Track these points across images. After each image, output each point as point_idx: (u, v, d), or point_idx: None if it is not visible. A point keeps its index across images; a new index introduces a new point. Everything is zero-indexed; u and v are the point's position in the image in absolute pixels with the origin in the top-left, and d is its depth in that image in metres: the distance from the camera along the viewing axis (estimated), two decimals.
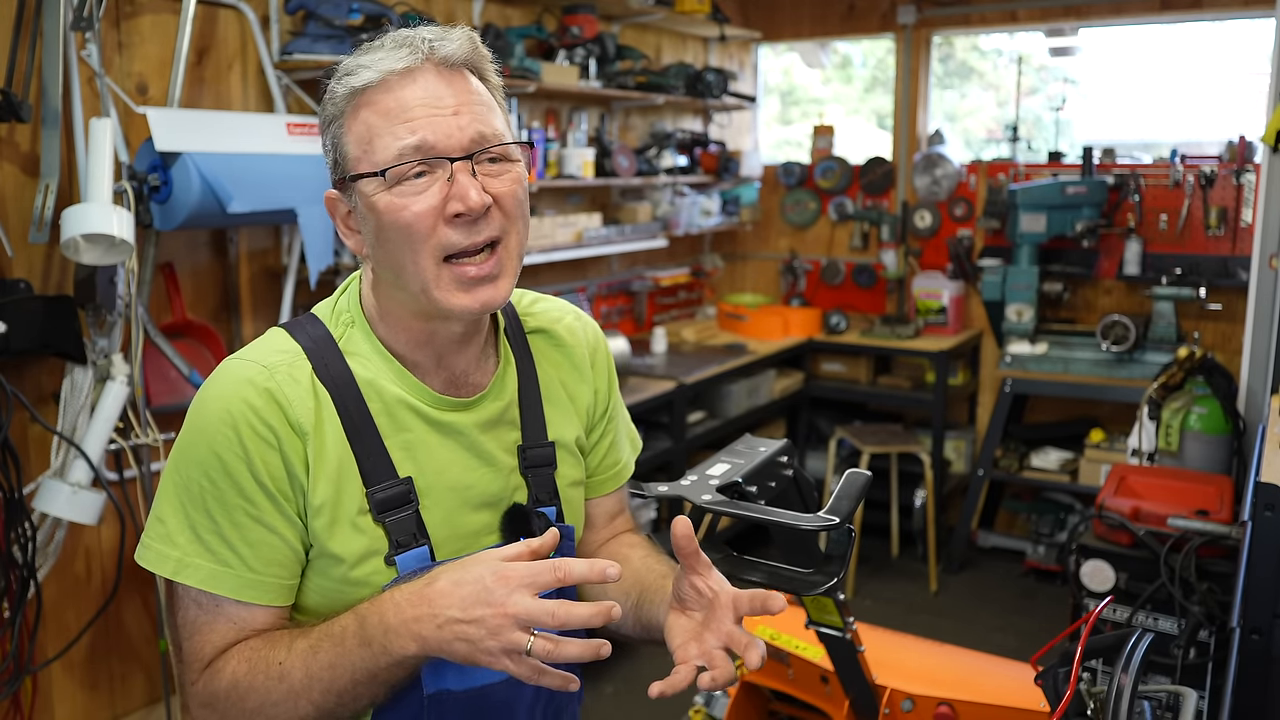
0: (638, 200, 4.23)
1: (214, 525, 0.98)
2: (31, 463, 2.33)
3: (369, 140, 0.98)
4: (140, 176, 2.31)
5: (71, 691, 2.48)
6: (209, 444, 0.98)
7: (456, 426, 1.08)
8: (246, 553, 0.98)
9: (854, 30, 4.84)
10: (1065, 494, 4.29)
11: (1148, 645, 1.33)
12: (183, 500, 0.99)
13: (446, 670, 1.04)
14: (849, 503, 1.17)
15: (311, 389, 1.01)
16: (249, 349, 1.05)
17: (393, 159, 0.97)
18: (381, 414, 1.04)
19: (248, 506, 0.98)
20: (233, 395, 0.98)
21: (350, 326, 1.06)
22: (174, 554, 0.99)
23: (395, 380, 1.05)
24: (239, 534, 0.98)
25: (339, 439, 1.01)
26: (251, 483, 0.98)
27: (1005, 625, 3.81)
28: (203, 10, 2.59)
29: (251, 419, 0.98)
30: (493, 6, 3.54)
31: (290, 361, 1.01)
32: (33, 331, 2.20)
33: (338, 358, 1.04)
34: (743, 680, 2.00)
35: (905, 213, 4.61)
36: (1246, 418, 3.09)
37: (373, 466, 1.02)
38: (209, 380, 1.03)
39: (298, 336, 1.05)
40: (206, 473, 0.98)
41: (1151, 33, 4.78)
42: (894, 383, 4.53)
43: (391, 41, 1.01)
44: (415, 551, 1.03)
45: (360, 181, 0.99)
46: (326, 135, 1.03)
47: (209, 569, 0.98)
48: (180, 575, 0.98)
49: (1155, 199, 4.08)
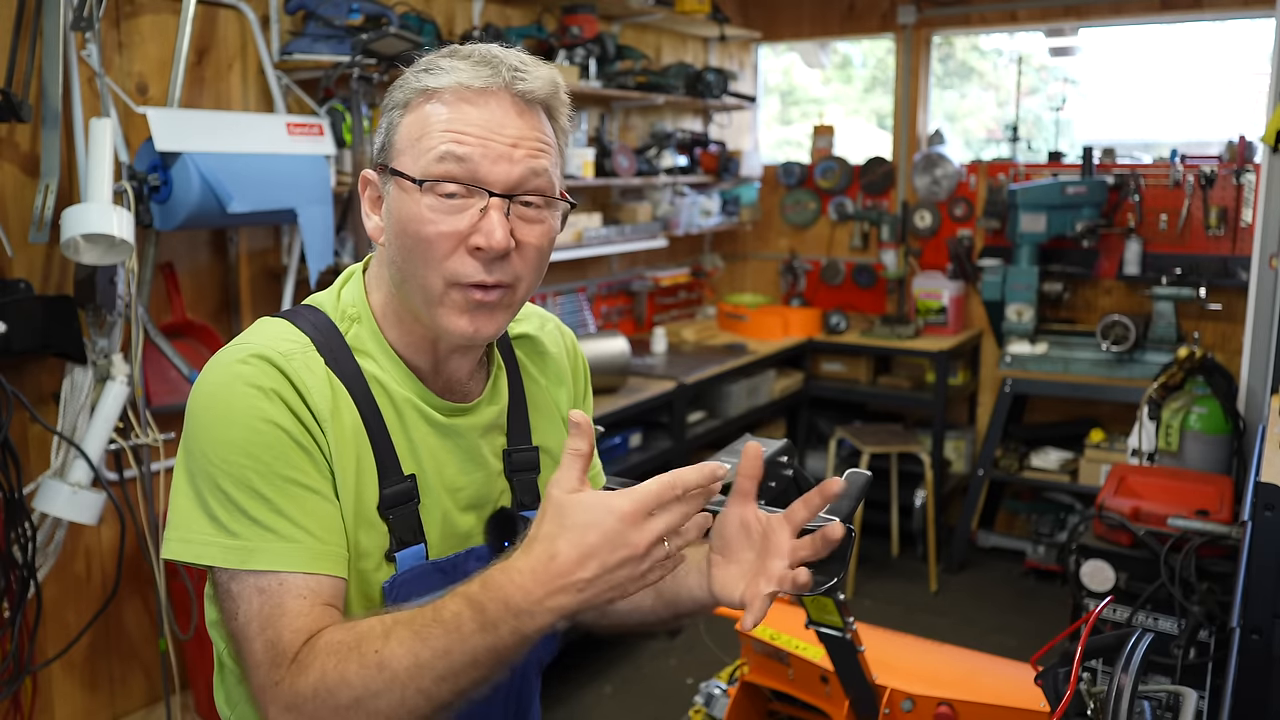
0: (638, 200, 4.23)
1: (268, 503, 0.92)
2: (31, 463, 2.33)
3: (419, 138, 0.97)
4: (140, 176, 2.32)
5: (71, 691, 2.48)
6: (244, 421, 0.93)
7: (458, 430, 1.08)
8: (310, 523, 0.94)
9: (854, 30, 4.84)
10: (1065, 494, 4.29)
11: (1148, 645, 1.33)
12: (225, 488, 0.92)
13: None
14: (849, 503, 1.17)
15: (327, 380, 0.99)
16: (253, 335, 1.00)
17: (433, 164, 0.96)
18: (390, 411, 1.03)
19: (298, 475, 0.94)
20: (249, 369, 0.95)
21: (356, 323, 1.04)
22: (236, 543, 0.91)
23: (402, 382, 1.04)
24: (296, 505, 0.93)
25: (358, 430, 1.00)
26: (296, 450, 0.94)
27: (1005, 625, 3.81)
28: (203, 10, 2.59)
29: (277, 388, 0.94)
30: (493, 6, 3.54)
31: (303, 350, 0.99)
32: (33, 331, 2.20)
33: (346, 353, 1.02)
34: (743, 680, 2.00)
35: (905, 213, 4.61)
36: (1246, 418, 3.09)
37: (384, 460, 1.01)
38: (215, 367, 0.97)
39: (303, 327, 1.01)
40: (247, 451, 0.92)
41: (1151, 33, 4.78)
42: (894, 383, 4.53)
43: (479, 55, 0.99)
44: (413, 549, 1.03)
45: (397, 177, 0.98)
46: (384, 118, 1.02)
47: (278, 548, 0.92)
48: (250, 562, 0.91)
49: (1155, 199, 4.08)
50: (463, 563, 1.07)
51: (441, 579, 1.03)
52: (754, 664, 1.98)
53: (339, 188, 2.77)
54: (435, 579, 1.04)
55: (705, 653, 3.47)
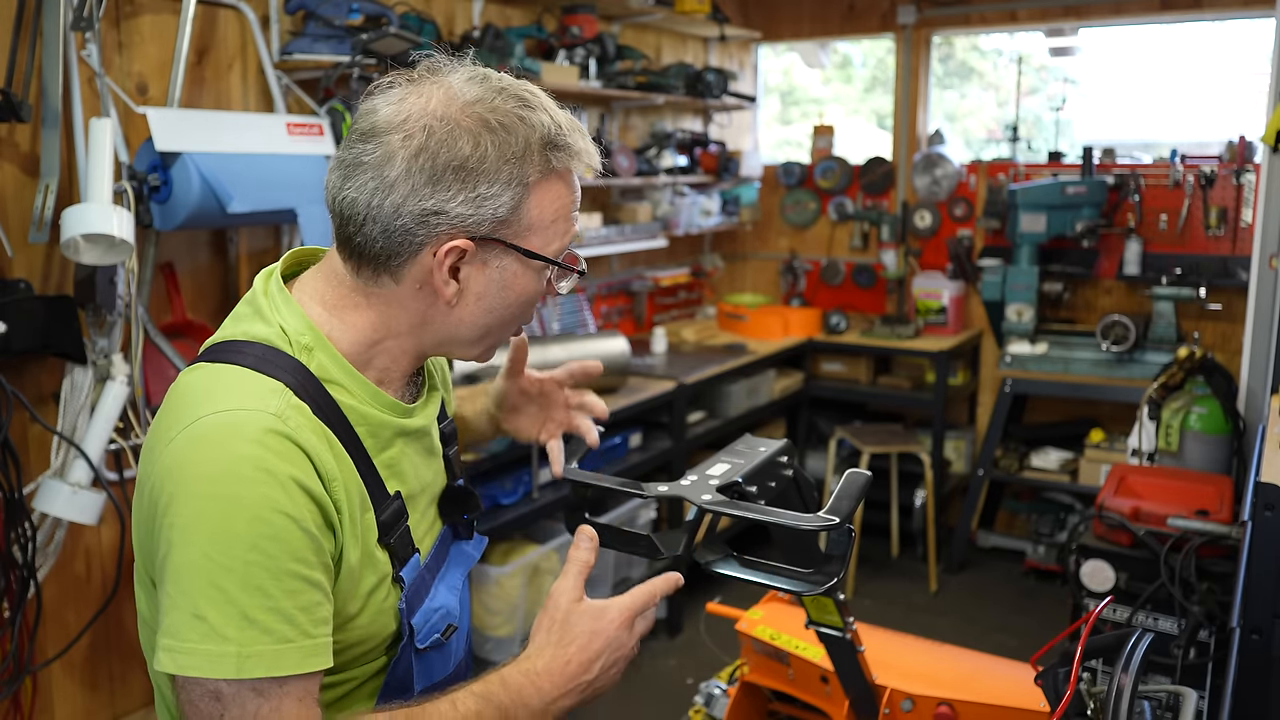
0: (638, 200, 4.23)
1: (267, 600, 0.86)
2: (31, 463, 2.33)
3: (553, 220, 0.99)
4: (140, 176, 2.31)
5: (71, 691, 2.48)
6: (251, 510, 0.86)
7: (423, 429, 1.09)
8: (303, 620, 0.89)
9: (854, 30, 4.84)
10: (1065, 494, 4.29)
11: (1148, 645, 1.33)
12: (224, 585, 0.85)
13: (434, 665, 1.09)
14: (849, 503, 1.17)
15: (319, 431, 0.94)
16: (223, 396, 0.91)
17: (564, 251, 1.02)
18: (368, 436, 1.01)
19: (300, 568, 0.88)
20: (263, 451, 0.88)
21: (311, 352, 0.98)
22: (229, 649, 0.85)
23: (372, 401, 1.01)
24: (293, 601, 0.88)
25: (352, 473, 0.97)
26: (301, 537, 0.88)
27: (1005, 625, 3.81)
28: (203, 10, 2.59)
29: (294, 472, 0.89)
30: (493, 6, 3.54)
31: (288, 403, 0.92)
32: (33, 331, 2.20)
33: (320, 389, 0.97)
34: (743, 680, 1.99)
35: (905, 213, 4.61)
36: (1246, 418, 3.09)
37: (374, 493, 1.00)
38: (203, 443, 0.88)
39: (272, 373, 0.94)
40: (253, 543, 0.86)
41: (1151, 33, 4.78)
42: (894, 383, 4.53)
43: (584, 132, 1.02)
44: (411, 562, 1.04)
45: (518, 253, 0.98)
46: (499, 173, 0.94)
47: (272, 651, 0.86)
48: (244, 671, 0.85)
49: (1155, 199, 4.08)
50: (437, 553, 1.12)
51: (429, 576, 1.09)
52: (754, 664, 1.98)
53: None
54: (426, 579, 1.08)
55: (705, 653, 3.47)
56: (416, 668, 1.05)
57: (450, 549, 1.16)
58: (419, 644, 1.04)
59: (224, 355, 0.97)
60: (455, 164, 0.92)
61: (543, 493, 3.11)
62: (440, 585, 1.10)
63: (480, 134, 0.93)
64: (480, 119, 0.93)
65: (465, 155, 0.92)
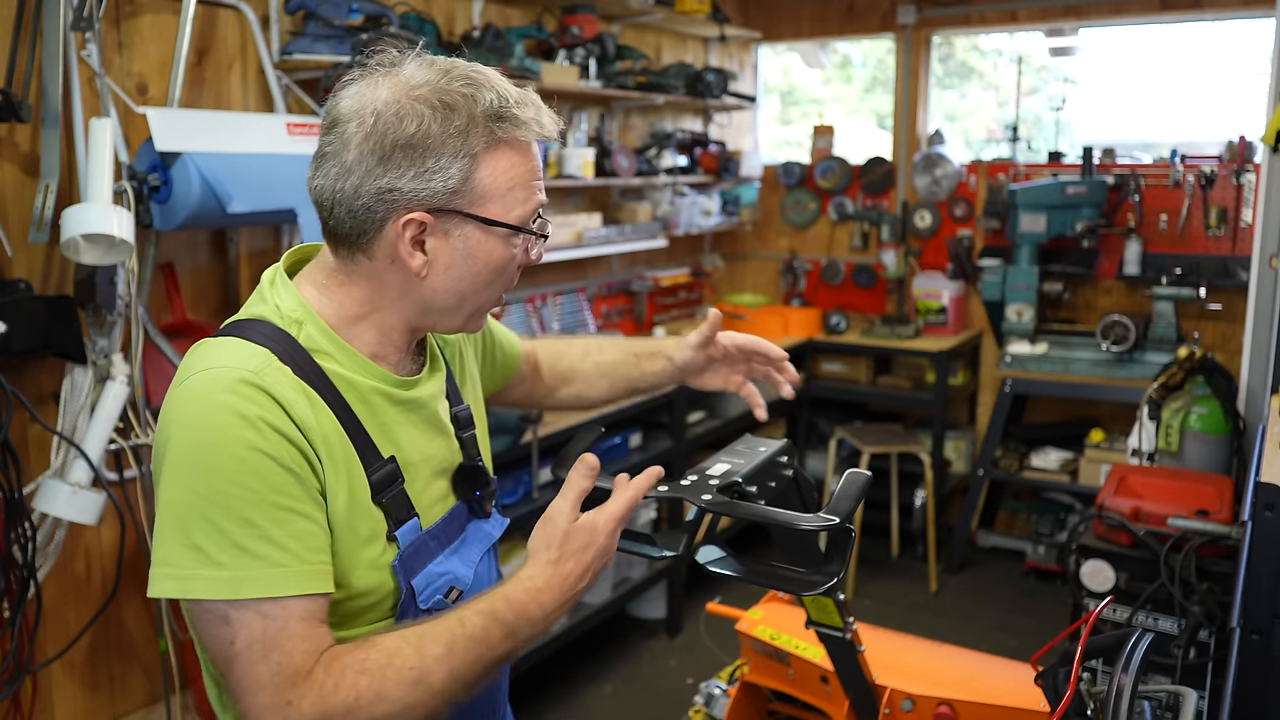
0: (638, 200, 4.23)
1: (255, 530, 0.94)
2: (31, 463, 2.33)
3: (509, 188, 1.04)
4: (140, 176, 2.31)
5: (71, 691, 2.48)
6: (228, 448, 0.94)
7: (420, 402, 1.15)
8: (295, 546, 0.96)
9: (854, 30, 4.84)
10: (1065, 494, 4.29)
11: (1148, 645, 1.33)
12: (212, 517, 0.94)
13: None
14: (849, 503, 1.17)
15: (300, 389, 1.01)
16: (211, 357, 1.01)
17: (528, 217, 1.07)
18: (357, 402, 1.07)
19: (284, 500, 0.96)
20: (236, 398, 0.96)
21: (302, 325, 1.07)
22: (224, 574, 0.93)
23: (361, 370, 1.08)
24: (282, 530, 0.96)
25: (337, 431, 1.04)
26: (281, 473, 0.96)
27: (1005, 625, 3.81)
28: (203, 10, 2.59)
29: (264, 414, 0.96)
30: (493, 6, 3.54)
31: (269, 363, 1.00)
32: (33, 331, 2.20)
33: (306, 357, 1.04)
34: (743, 680, 2.00)
35: (905, 213, 4.61)
36: (1246, 418, 3.09)
37: (364, 452, 1.06)
38: (190, 398, 0.98)
39: (257, 340, 1.03)
40: (233, 478, 0.94)
41: (1151, 33, 4.78)
42: (894, 383, 4.53)
43: (530, 103, 1.06)
44: (409, 524, 1.09)
45: (476, 221, 1.04)
46: (444, 159, 1.01)
47: (266, 575, 0.94)
48: (239, 592, 0.93)
49: (1155, 199, 4.08)
50: (448, 524, 1.17)
51: (437, 545, 1.14)
52: (754, 664, 1.98)
53: None
54: (432, 546, 1.13)
55: (705, 653, 3.47)
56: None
57: (468, 527, 1.21)
58: (421, 604, 1.10)
59: (226, 330, 1.08)
60: (401, 143, 1.00)
61: (543, 493, 3.11)
62: (453, 556, 1.16)
63: (424, 113, 1.00)
64: (424, 99, 1.01)
65: (410, 134, 1.00)
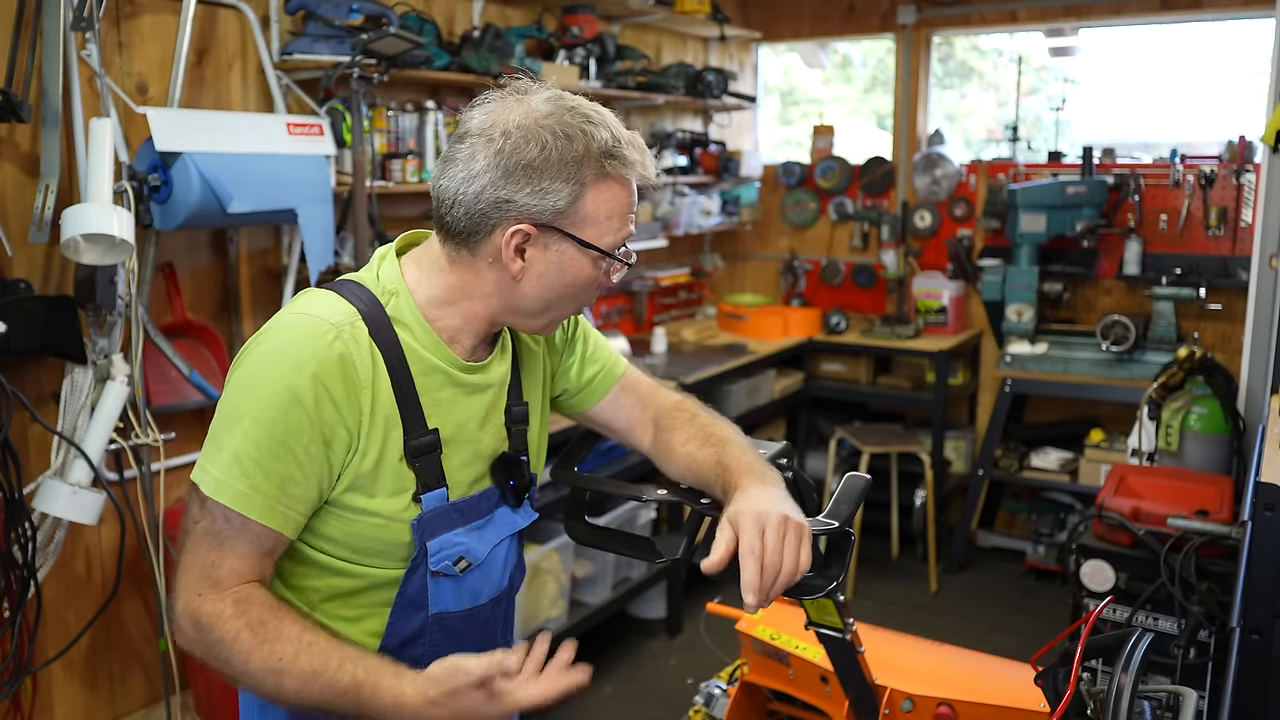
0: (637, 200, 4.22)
1: (256, 452, 1.09)
2: (31, 463, 2.33)
3: (607, 217, 1.17)
4: (140, 176, 2.31)
5: (71, 691, 2.48)
6: (283, 382, 1.10)
7: (478, 387, 1.26)
8: (277, 482, 1.10)
9: (854, 30, 4.84)
10: (1065, 494, 4.29)
11: (1148, 645, 1.33)
12: (235, 428, 1.10)
13: (446, 593, 1.25)
14: (848, 507, 1.17)
15: (369, 349, 1.15)
16: (309, 304, 1.17)
17: (617, 245, 1.20)
18: (421, 375, 1.20)
19: (293, 443, 1.10)
20: (312, 347, 1.11)
21: (395, 296, 1.20)
22: (215, 474, 1.10)
23: (432, 349, 1.21)
24: (277, 464, 1.10)
25: (388, 394, 1.16)
26: (309, 429, 1.10)
27: (1005, 625, 3.81)
28: (203, 10, 2.59)
29: (325, 373, 1.11)
30: (493, 6, 3.54)
31: (352, 322, 1.15)
32: (33, 331, 2.20)
33: (387, 323, 1.18)
34: (743, 680, 2.00)
35: (905, 213, 4.61)
36: (1246, 418, 3.09)
37: (411, 418, 1.19)
38: (278, 328, 1.14)
39: (351, 299, 1.18)
40: (264, 407, 1.09)
41: (1151, 33, 4.78)
42: (894, 383, 4.53)
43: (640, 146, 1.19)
44: (436, 492, 1.21)
45: (574, 241, 1.17)
46: (559, 173, 1.14)
47: (242, 492, 1.09)
48: (217, 494, 1.10)
49: (1155, 199, 4.08)
50: (476, 503, 1.28)
51: (460, 518, 1.25)
52: (754, 664, 1.98)
53: (339, 188, 2.77)
54: (454, 518, 1.24)
55: (705, 653, 3.47)
56: (431, 590, 1.23)
57: (497, 511, 1.31)
58: (433, 565, 1.22)
59: (329, 285, 1.22)
60: (524, 163, 1.14)
61: (542, 493, 3.11)
62: (474, 533, 1.27)
63: (547, 141, 1.14)
64: (550, 129, 1.14)
65: (533, 157, 1.14)
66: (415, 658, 1.23)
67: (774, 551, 1.13)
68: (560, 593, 3.17)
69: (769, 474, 1.26)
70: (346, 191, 2.79)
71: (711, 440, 1.36)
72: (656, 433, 1.46)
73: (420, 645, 1.26)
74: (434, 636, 1.26)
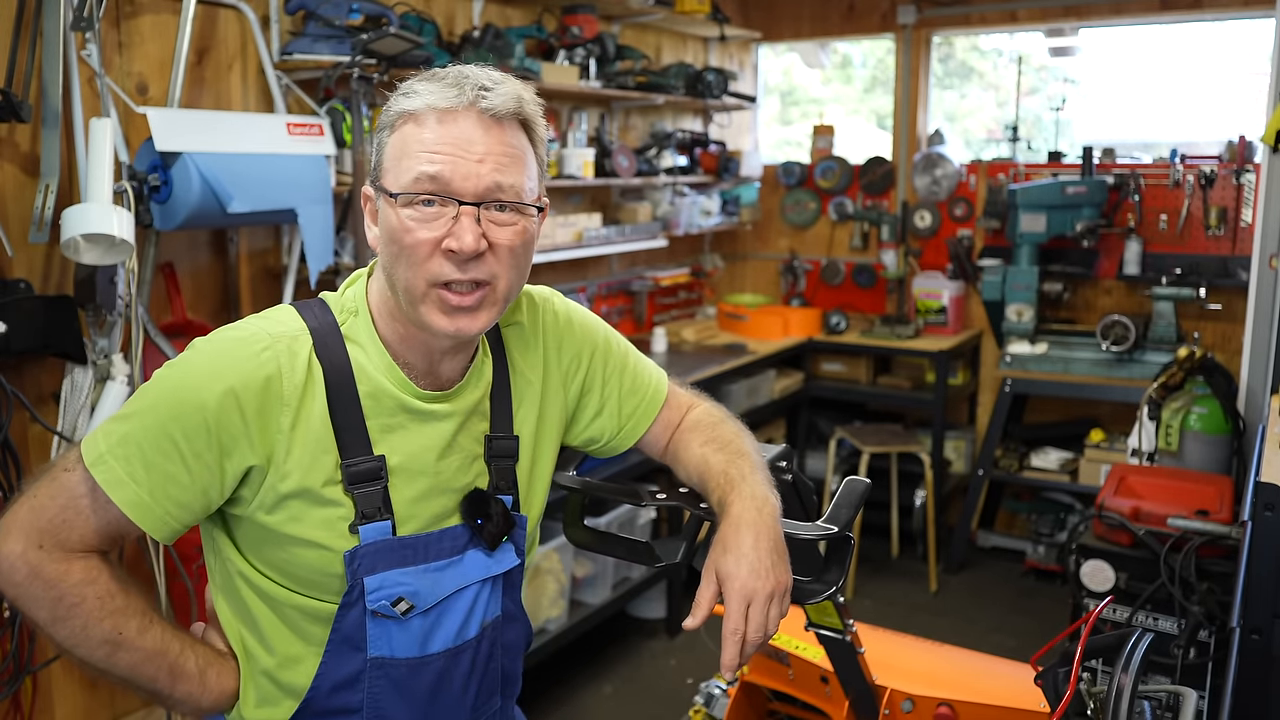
0: (638, 200, 4.23)
1: (146, 438, 1.06)
2: (31, 463, 2.33)
3: (398, 159, 1.09)
4: (140, 176, 2.31)
5: (71, 691, 2.48)
6: (195, 384, 1.06)
7: (437, 415, 1.17)
8: (156, 481, 1.06)
9: (854, 30, 4.84)
10: (1065, 494, 4.29)
11: (1148, 645, 1.33)
12: (137, 410, 1.07)
13: (390, 637, 1.15)
14: (848, 511, 1.17)
15: (306, 365, 1.10)
16: (263, 316, 1.14)
17: (408, 185, 1.07)
18: (368, 396, 1.13)
19: (183, 445, 1.05)
20: (237, 358, 1.07)
21: (354, 315, 1.15)
22: (101, 447, 1.07)
23: (384, 372, 1.14)
24: (161, 458, 1.05)
25: (322, 415, 1.10)
26: (204, 436, 1.05)
27: (1005, 625, 3.81)
28: (203, 10, 2.59)
29: (242, 385, 1.06)
30: (493, 6, 3.54)
31: (294, 335, 1.10)
32: (33, 331, 2.20)
33: (339, 341, 1.13)
34: (743, 680, 2.00)
35: (905, 213, 4.61)
36: (1246, 418, 3.09)
37: (351, 441, 1.11)
38: (221, 333, 1.11)
39: (305, 316, 1.14)
40: (174, 404, 1.06)
41: (1151, 33, 4.78)
42: (894, 383, 4.53)
43: (450, 77, 1.10)
44: (378, 524, 1.12)
45: (384, 193, 1.11)
46: (375, 138, 1.14)
47: (117, 477, 1.05)
48: (94, 468, 1.06)
49: (1155, 199, 4.08)
50: (435, 541, 1.16)
51: (410, 555, 1.14)
52: (754, 664, 1.98)
53: (339, 188, 2.76)
54: (402, 554, 1.14)
55: (705, 653, 3.47)
56: (371, 631, 1.14)
57: (467, 553, 1.19)
58: (370, 604, 1.13)
59: (296, 303, 1.18)
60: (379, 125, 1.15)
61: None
62: (427, 574, 1.15)
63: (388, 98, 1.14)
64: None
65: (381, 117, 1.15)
66: (352, 706, 1.15)
67: (757, 630, 1.13)
68: (560, 592, 3.17)
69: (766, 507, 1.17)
70: (346, 191, 2.79)
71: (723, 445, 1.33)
72: (676, 433, 1.42)
73: (357, 691, 1.15)
74: (375, 683, 1.15)
